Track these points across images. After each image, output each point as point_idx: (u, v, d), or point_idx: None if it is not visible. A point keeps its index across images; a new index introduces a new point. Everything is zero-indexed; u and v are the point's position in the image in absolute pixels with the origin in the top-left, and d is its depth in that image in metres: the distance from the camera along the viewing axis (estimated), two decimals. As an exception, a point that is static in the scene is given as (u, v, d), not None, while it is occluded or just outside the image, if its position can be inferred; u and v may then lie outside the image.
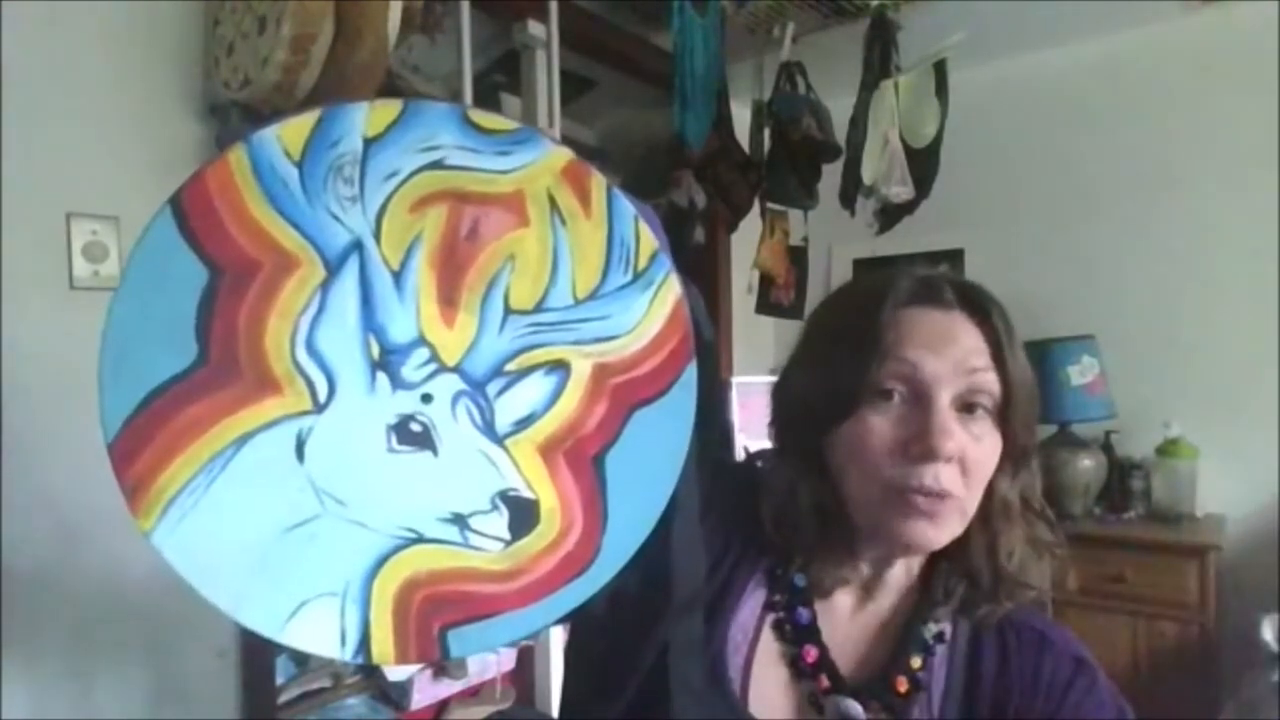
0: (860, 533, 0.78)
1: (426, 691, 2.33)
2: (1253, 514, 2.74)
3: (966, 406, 0.74)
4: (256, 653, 1.86)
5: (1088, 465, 2.78)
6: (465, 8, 2.09)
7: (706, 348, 0.55)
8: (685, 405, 0.53)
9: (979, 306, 0.77)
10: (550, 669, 2.56)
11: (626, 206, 0.52)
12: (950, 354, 0.73)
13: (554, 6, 2.34)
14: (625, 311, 0.52)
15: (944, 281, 0.79)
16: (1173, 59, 2.92)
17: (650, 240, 0.53)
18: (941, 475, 0.71)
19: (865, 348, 0.75)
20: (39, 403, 1.54)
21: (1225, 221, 2.83)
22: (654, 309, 0.53)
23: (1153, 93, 2.97)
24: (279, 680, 2.01)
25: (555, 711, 0.85)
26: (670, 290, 0.53)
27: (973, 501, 0.74)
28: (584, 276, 0.52)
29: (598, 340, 0.52)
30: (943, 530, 0.73)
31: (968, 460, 0.72)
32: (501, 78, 2.79)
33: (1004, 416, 0.75)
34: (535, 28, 2.44)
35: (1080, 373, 2.76)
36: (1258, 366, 2.74)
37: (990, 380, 0.74)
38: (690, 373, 0.53)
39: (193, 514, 0.48)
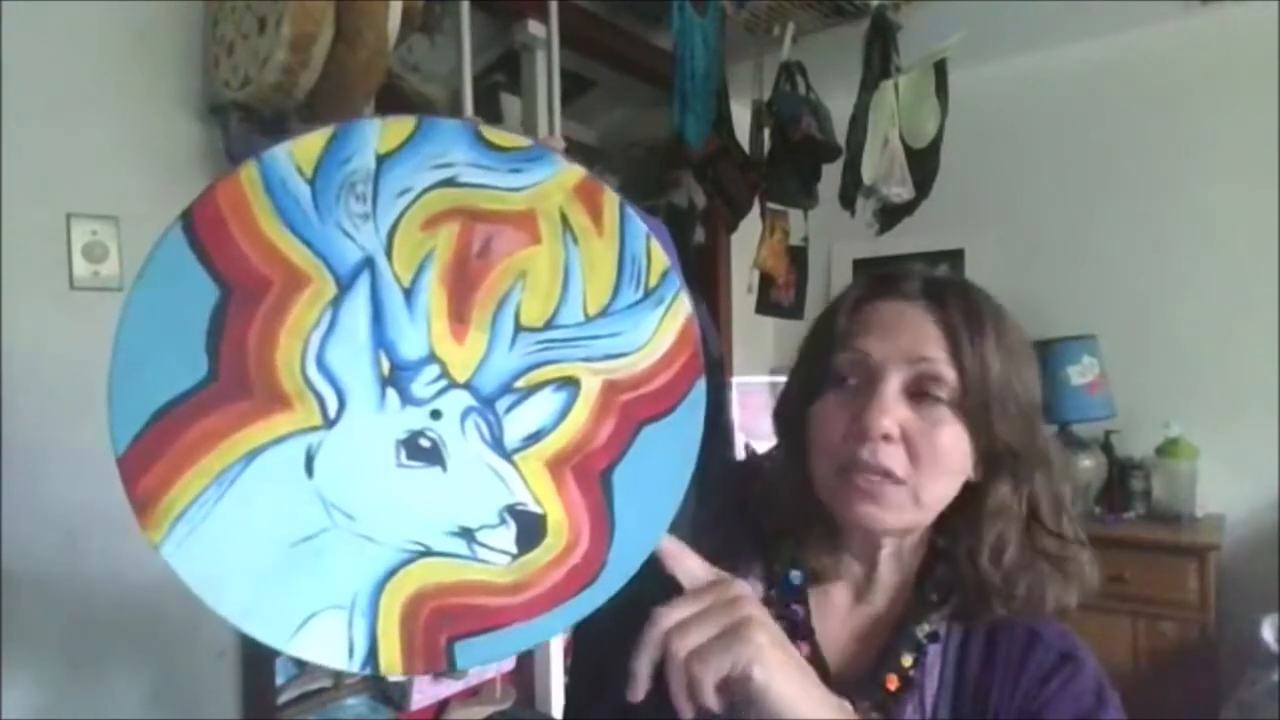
0: (837, 520, 0.80)
1: (426, 691, 2.33)
2: (1253, 514, 2.74)
3: (918, 393, 0.75)
4: (256, 653, 1.86)
5: (1088, 465, 2.78)
6: (465, 8, 2.09)
7: (713, 364, 0.56)
8: (693, 422, 0.54)
9: (940, 297, 0.78)
10: (550, 669, 2.56)
11: (639, 225, 0.53)
12: (898, 340, 0.76)
13: (554, 6, 2.34)
14: (636, 329, 0.53)
15: (910, 275, 0.81)
16: (1173, 59, 2.92)
17: (661, 258, 0.53)
18: (879, 452, 0.73)
19: (827, 339, 0.79)
20: (39, 403, 1.54)
21: (1225, 221, 2.83)
22: (664, 326, 0.53)
23: (1153, 93, 2.96)
24: (279, 680, 2.01)
25: (555, 711, 0.86)
26: (681, 308, 0.53)
27: (928, 489, 0.75)
28: (595, 294, 0.52)
29: (608, 357, 0.53)
30: (889, 512, 0.75)
31: (915, 444, 0.74)
32: (501, 78, 2.79)
33: (965, 408, 0.75)
34: (535, 28, 2.44)
35: (1080, 373, 2.76)
36: (1258, 366, 2.74)
37: (942, 368, 0.75)
38: (699, 390, 0.54)
39: (202, 527, 0.49)
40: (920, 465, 0.74)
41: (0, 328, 1.50)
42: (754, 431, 0.92)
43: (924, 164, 2.43)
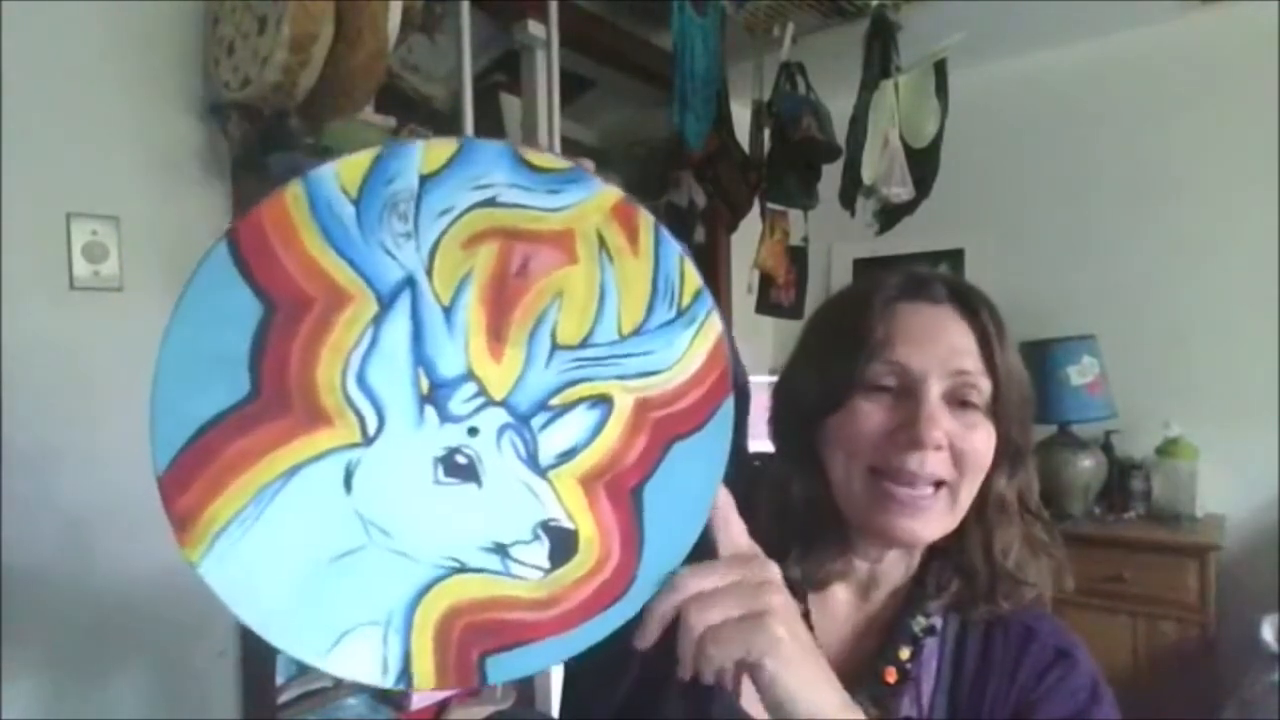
0: (851, 526, 0.79)
1: (427, 692, 2.32)
2: (1253, 514, 2.75)
3: (957, 400, 0.75)
4: (256, 653, 1.86)
5: (1088, 465, 2.78)
6: (465, 8, 2.08)
7: (740, 390, 0.57)
8: (721, 439, 0.55)
9: (968, 302, 0.79)
10: (550, 669, 2.55)
11: (673, 245, 0.54)
12: (938, 349, 0.76)
13: (554, 6, 2.34)
14: (668, 347, 0.54)
15: (934, 278, 0.81)
16: (1173, 59, 2.92)
17: (694, 278, 0.54)
18: (928, 461, 0.73)
19: (856, 344, 0.77)
20: (39, 403, 1.53)
21: (1225, 221, 2.83)
22: (696, 345, 0.54)
23: (1153, 93, 2.97)
24: (279, 680, 2.00)
25: (555, 711, 0.86)
26: (712, 327, 0.55)
27: (966, 492, 0.76)
28: (629, 313, 0.53)
29: (641, 375, 0.54)
30: (928, 524, 0.75)
31: (959, 449, 0.74)
32: (501, 78, 2.78)
33: (995, 411, 0.76)
34: (535, 28, 2.43)
35: (1080, 373, 2.77)
36: (1258, 366, 2.74)
37: (979, 378, 0.76)
38: (727, 407, 0.55)
39: (240, 545, 0.49)
40: (962, 468, 0.75)
41: (0, 328, 1.50)
42: (753, 431, 0.91)
43: (924, 164, 2.44)
